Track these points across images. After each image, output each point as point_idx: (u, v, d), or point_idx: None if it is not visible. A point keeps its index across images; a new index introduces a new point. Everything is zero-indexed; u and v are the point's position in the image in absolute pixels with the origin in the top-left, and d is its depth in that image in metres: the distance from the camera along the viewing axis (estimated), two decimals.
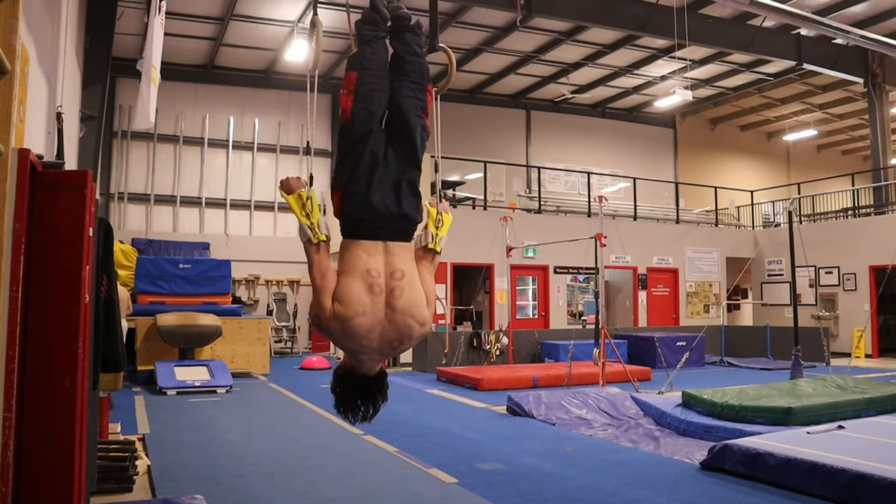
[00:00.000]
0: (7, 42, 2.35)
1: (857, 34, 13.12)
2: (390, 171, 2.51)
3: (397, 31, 2.73)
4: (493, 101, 18.33)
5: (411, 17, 2.73)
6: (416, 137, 2.58)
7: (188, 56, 15.18)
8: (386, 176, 2.51)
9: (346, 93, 2.62)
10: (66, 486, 2.58)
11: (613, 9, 13.22)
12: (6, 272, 2.39)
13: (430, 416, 7.33)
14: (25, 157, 2.49)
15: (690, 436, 6.24)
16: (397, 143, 2.56)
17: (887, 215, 16.01)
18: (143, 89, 6.92)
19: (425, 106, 2.67)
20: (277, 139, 16.18)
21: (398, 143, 2.56)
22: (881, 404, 6.57)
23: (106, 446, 4.71)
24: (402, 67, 2.68)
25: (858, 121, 20.80)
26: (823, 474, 4.21)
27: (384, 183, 2.50)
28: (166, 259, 11.58)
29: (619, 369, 9.41)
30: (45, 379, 2.57)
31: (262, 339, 11.09)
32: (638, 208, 17.10)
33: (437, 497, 4.29)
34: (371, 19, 2.68)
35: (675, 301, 16.52)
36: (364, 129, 2.53)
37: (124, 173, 14.95)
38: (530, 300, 15.90)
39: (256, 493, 4.34)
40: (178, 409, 7.65)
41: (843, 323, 15.48)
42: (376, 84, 2.62)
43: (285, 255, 14.95)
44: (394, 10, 2.70)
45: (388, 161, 2.52)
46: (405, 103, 2.61)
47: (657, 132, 20.64)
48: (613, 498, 4.30)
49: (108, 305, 4.00)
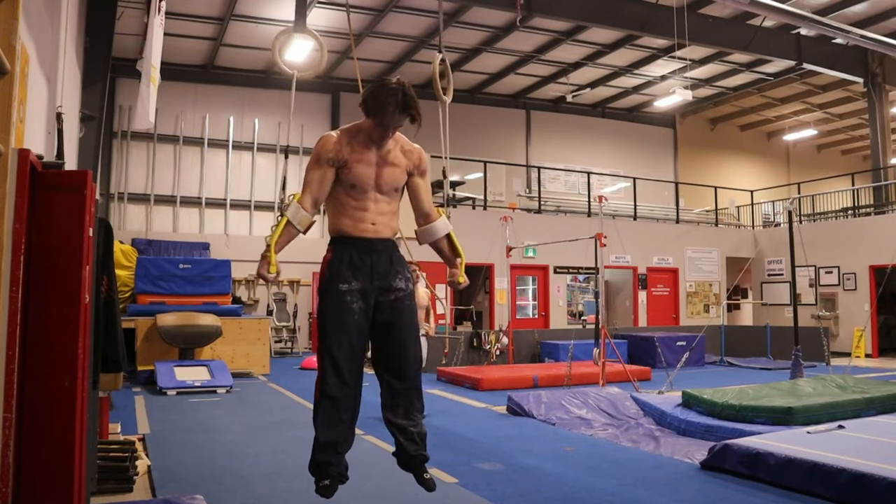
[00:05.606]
0: (7, 42, 2.35)
1: (857, 34, 13.13)
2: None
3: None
4: (493, 101, 18.32)
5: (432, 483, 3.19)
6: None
7: (188, 56, 15.17)
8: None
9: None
10: (66, 486, 2.57)
11: (613, 8, 13.22)
12: (6, 272, 2.39)
13: (429, 416, 7.30)
14: (25, 158, 2.48)
15: (690, 436, 6.24)
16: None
17: (887, 215, 16.01)
18: (143, 89, 6.91)
19: None
20: (277, 139, 16.18)
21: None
22: (881, 404, 6.57)
23: (106, 446, 4.71)
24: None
25: (858, 120, 20.79)
26: (823, 474, 4.21)
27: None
28: (166, 259, 11.57)
29: (619, 369, 9.42)
30: (45, 379, 2.57)
31: (262, 339, 11.09)
32: (638, 208, 17.10)
33: (437, 497, 4.28)
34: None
35: (675, 301, 16.53)
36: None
37: (124, 173, 14.95)
38: (530, 300, 15.90)
39: (257, 493, 4.34)
40: (178, 409, 7.65)
41: (843, 323, 15.49)
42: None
43: (285, 255, 14.64)
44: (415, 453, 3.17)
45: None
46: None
47: (657, 132, 20.63)
48: (613, 498, 4.30)
49: (108, 305, 4.00)
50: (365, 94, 3.05)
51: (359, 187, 3.10)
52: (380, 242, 3.13)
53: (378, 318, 3.11)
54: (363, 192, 3.11)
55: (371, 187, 3.11)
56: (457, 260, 3.38)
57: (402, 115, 3.02)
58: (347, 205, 3.13)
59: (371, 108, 3.02)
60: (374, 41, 14.55)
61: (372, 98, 3.01)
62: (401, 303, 3.13)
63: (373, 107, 3.01)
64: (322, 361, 3.03)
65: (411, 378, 3.13)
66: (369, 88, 3.04)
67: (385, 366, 3.12)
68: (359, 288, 3.05)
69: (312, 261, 14.48)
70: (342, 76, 16.35)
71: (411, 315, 3.18)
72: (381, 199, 3.14)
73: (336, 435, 3.06)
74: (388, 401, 3.12)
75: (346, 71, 15.99)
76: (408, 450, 3.13)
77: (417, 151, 3.27)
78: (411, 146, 3.26)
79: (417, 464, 3.16)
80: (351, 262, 3.07)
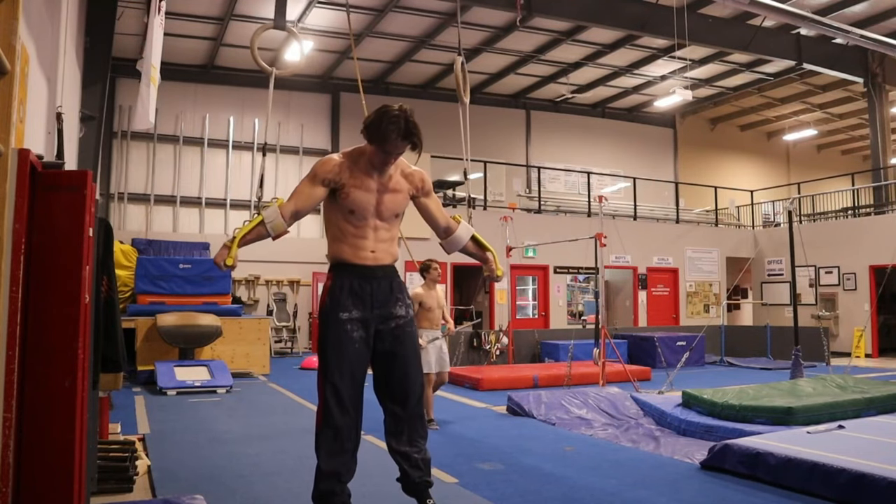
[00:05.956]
0: (7, 42, 2.34)
1: (857, 34, 13.13)
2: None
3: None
4: (493, 100, 18.32)
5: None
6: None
7: (188, 56, 15.18)
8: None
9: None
10: (66, 486, 2.57)
11: (613, 8, 13.22)
12: (6, 272, 2.39)
13: None
14: (25, 158, 2.48)
15: (690, 436, 6.24)
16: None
17: (887, 215, 16.01)
18: (143, 89, 6.91)
19: None
20: (277, 139, 16.18)
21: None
22: (881, 404, 6.56)
23: (106, 446, 4.71)
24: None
25: (858, 120, 20.80)
26: (823, 474, 4.20)
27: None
28: (166, 259, 11.57)
29: (619, 369, 9.42)
30: (45, 379, 2.56)
31: (262, 339, 11.09)
32: (638, 208, 17.10)
33: (437, 497, 4.27)
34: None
35: (675, 301, 16.53)
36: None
37: (124, 173, 14.96)
38: (530, 300, 15.90)
39: (257, 493, 4.34)
40: (178, 409, 7.65)
41: (843, 323, 15.49)
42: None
43: (285, 255, 14.94)
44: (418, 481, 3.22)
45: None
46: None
47: (657, 132, 20.64)
48: (613, 498, 4.30)
49: (108, 305, 3.99)
50: (367, 122, 3.06)
51: (358, 213, 3.10)
52: (380, 270, 3.13)
53: (379, 347, 3.12)
54: (363, 218, 3.10)
55: (371, 214, 3.11)
56: (487, 255, 3.48)
57: (404, 142, 3.03)
58: (347, 232, 3.12)
59: (373, 135, 3.03)
60: (374, 41, 14.55)
61: (374, 126, 3.02)
62: (402, 330, 3.14)
63: (375, 134, 3.02)
64: (324, 391, 3.03)
65: (414, 405, 3.15)
66: (371, 116, 3.05)
67: (388, 394, 3.12)
68: (359, 317, 3.06)
69: (312, 261, 14.53)
70: (342, 76, 16.35)
71: (413, 342, 3.19)
72: (381, 225, 3.14)
73: (340, 465, 3.07)
74: (392, 427, 3.12)
75: (346, 71, 16.00)
76: (412, 477, 3.14)
77: (418, 173, 3.28)
78: (411, 169, 3.26)
79: (422, 490, 3.19)
80: (351, 290, 3.07)
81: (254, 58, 3.88)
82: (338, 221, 3.14)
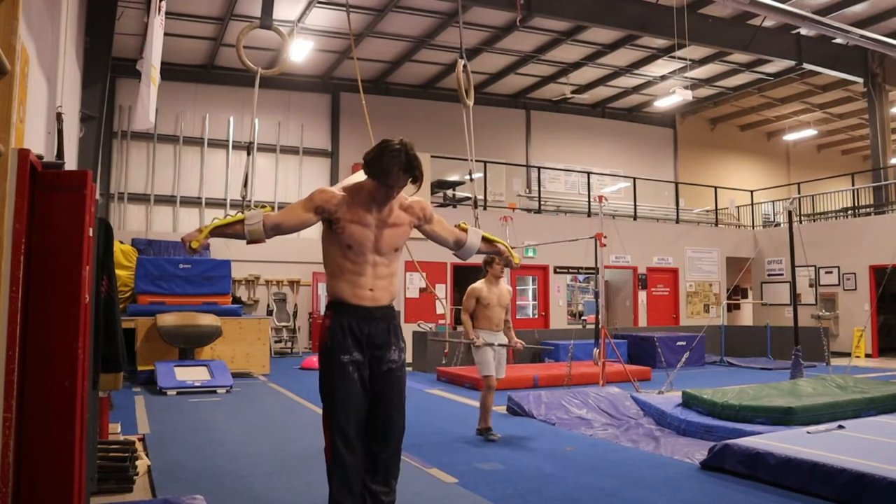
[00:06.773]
0: (7, 42, 2.35)
1: (857, 34, 13.12)
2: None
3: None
4: (493, 100, 18.32)
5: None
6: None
7: (188, 56, 15.17)
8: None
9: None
10: (66, 486, 2.57)
11: (613, 8, 13.22)
12: (6, 272, 2.39)
13: (430, 416, 7.33)
14: (25, 158, 2.49)
15: (690, 436, 6.24)
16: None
17: (887, 215, 16.01)
18: (143, 89, 6.91)
19: None
20: (277, 139, 16.18)
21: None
22: (881, 404, 6.57)
23: (106, 446, 4.71)
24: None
25: (858, 120, 20.80)
26: (823, 474, 4.21)
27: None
28: (166, 259, 11.57)
29: (619, 369, 9.42)
30: (45, 379, 2.56)
31: (262, 339, 11.09)
32: (638, 208, 17.10)
33: (437, 497, 4.29)
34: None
35: (675, 301, 16.52)
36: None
37: (124, 173, 14.95)
38: (530, 300, 15.90)
39: (257, 493, 4.34)
40: (178, 409, 7.65)
41: (843, 323, 15.48)
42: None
43: (285, 255, 14.95)
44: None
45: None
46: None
47: (657, 132, 20.64)
48: (613, 498, 4.30)
49: (108, 305, 3.99)
50: (367, 157, 3.05)
51: (356, 249, 3.09)
52: (378, 311, 3.14)
53: (368, 388, 3.15)
54: (360, 254, 3.10)
55: (369, 249, 3.11)
56: (499, 247, 3.61)
57: (405, 175, 3.03)
58: (345, 269, 3.12)
59: (374, 170, 3.03)
60: (374, 41, 14.55)
61: (375, 161, 3.02)
62: (392, 374, 3.16)
63: (376, 169, 3.02)
64: (331, 433, 3.06)
65: (394, 446, 3.18)
66: (372, 151, 3.05)
67: (370, 433, 3.14)
68: (359, 359, 3.09)
69: (312, 261, 14.52)
70: (342, 76, 16.35)
71: (400, 387, 3.22)
72: (380, 261, 3.14)
73: (348, 496, 3.10)
74: (369, 465, 3.14)
75: (346, 71, 15.99)
76: None
77: (417, 203, 3.29)
78: (409, 201, 3.26)
79: None
80: (351, 330, 3.09)
81: (239, 56, 3.89)
82: (336, 257, 3.14)
